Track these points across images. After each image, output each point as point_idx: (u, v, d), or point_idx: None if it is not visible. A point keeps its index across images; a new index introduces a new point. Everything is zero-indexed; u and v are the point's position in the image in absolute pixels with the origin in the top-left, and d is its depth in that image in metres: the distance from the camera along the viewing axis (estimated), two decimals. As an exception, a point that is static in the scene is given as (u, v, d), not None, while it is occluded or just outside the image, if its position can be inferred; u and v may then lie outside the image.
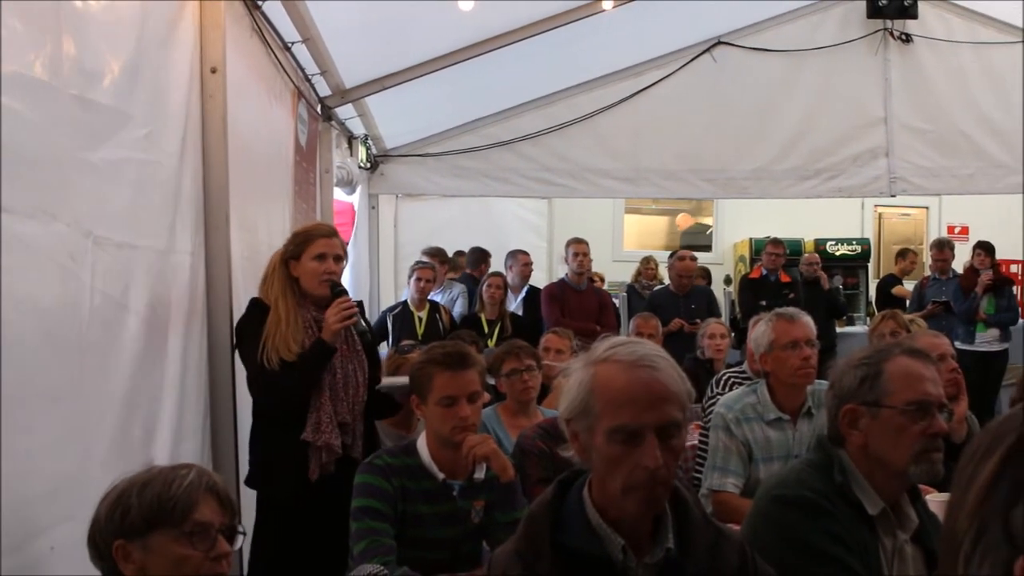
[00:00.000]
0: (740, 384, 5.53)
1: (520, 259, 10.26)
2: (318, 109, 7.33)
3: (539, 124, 9.75)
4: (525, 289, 10.07)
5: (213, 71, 4.46)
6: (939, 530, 1.71)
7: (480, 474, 3.88)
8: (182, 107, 4.19)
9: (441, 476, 3.82)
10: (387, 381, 4.82)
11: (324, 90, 7.33)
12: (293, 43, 6.04)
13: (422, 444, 3.87)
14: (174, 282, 4.05)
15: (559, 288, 9.51)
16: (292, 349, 4.33)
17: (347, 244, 5.38)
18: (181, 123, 4.16)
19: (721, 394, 5.56)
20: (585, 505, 2.24)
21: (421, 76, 7.76)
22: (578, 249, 9.51)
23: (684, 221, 16.23)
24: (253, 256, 5.14)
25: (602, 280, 12.29)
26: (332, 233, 4.65)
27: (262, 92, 5.60)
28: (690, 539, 2.27)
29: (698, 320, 9.07)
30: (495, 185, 9.99)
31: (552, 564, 2.17)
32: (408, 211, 11.94)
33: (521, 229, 12.87)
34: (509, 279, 9.97)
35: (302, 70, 6.53)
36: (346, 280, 5.34)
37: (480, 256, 11.11)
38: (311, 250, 4.48)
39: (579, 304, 9.28)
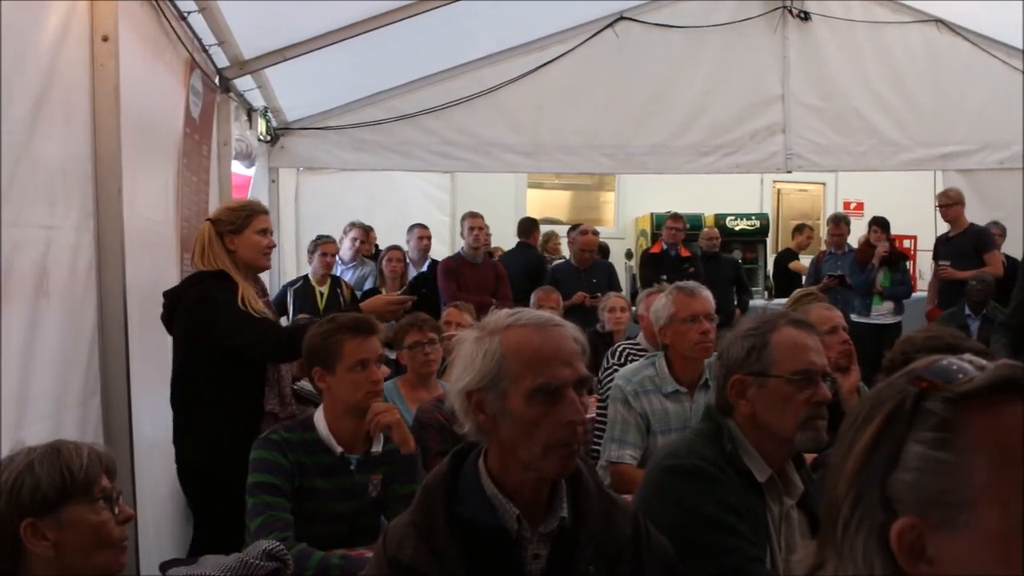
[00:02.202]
0: (636, 357, 5.59)
1: (416, 232, 10.26)
2: (216, 80, 7.19)
3: (442, 98, 9.68)
4: (427, 263, 10.06)
5: (104, 39, 4.35)
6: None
7: (378, 447, 3.88)
8: (69, 76, 4.08)
9: (339, 450, 3.81)
10: None
11: (222, 61, 7.19)
12: (189, 13, 5.92)
13: (319, 418, 3.85)
14: (57, 257, 3.94)
15: (455, 262, 9.52)
16: (260, 308, 4.63)
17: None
18: (68, 93, 4.05)
19: (619, 365, 5.62)
20: (480, 476, 2.25)
21: (322, 48, 7.63)
22: (473, 223, 9.52)
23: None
24: (146, 228, 5.09)
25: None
26: (267, 210, 5.01)
27: (153, 62, 5.47)
28: (584, 509, 2.29)
29: (599, 294, 9.15)
30: (397, 159, 9.90)
31: (447, 535, 2.17)
32: (310, 185, 11.78)
33: (424, 203, 12.84)
34: (409, 253, 9.96)
35: (199, 40, 6.40)
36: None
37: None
38: (255, 224, 4.78)
39: (475, 278, 9.30)
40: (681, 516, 2.64)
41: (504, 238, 12.48)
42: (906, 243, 13.06)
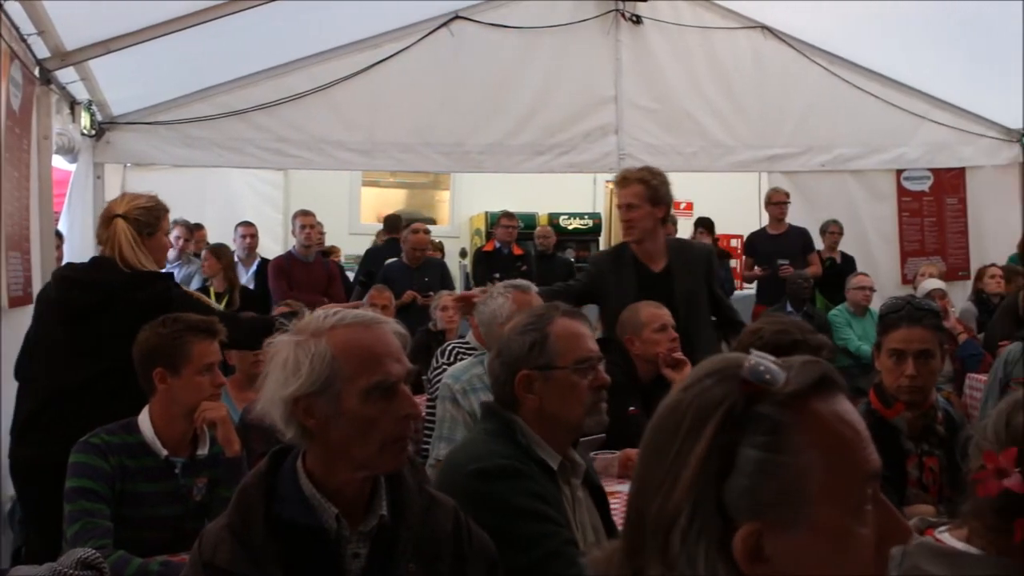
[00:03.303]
0: (466, 355, 5.60)
1: (240, 231, 10.12)
2: (36, 72, 6.93)
3: (274, 94, 9.55)
4: (257, 262, 9.91)
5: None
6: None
7: (204, 450, 3.81)
8: None
9: (164, 453, 3.73)
10: None
11: (43, 51, 6.93)
12: (6, 0, 5.69)
13: (144, 421, 3.76)
14: None
15: (286, 261, 9.42)
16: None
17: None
18: None
19: (448, 364, 5.62)
20: (299, 477, 2.23)
21: (150, 40, 7.43)
22: (305, 221, 9.44)
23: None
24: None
25: (338, 253, 12.24)
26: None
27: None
28: (404, 506, 2.30)
29: (431, 292, 9.15)
30: (229, 156, 9.72)
31: (265, 536, 2.15)
32: (138, 181, 11.33)
33: (256, 201, 12.60)
34: (236, 252, 9.81)
35: (16, 29, 6.15)
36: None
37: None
38: (164, 226, 4.73)
39: (307, 277, 9.22)
40: (498, 515, 2.65)
41: (338, 236, 12.38)
42: (733, 242, 13.40)
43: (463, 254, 13.50)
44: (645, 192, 5.46)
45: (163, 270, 4.84)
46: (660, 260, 5.57)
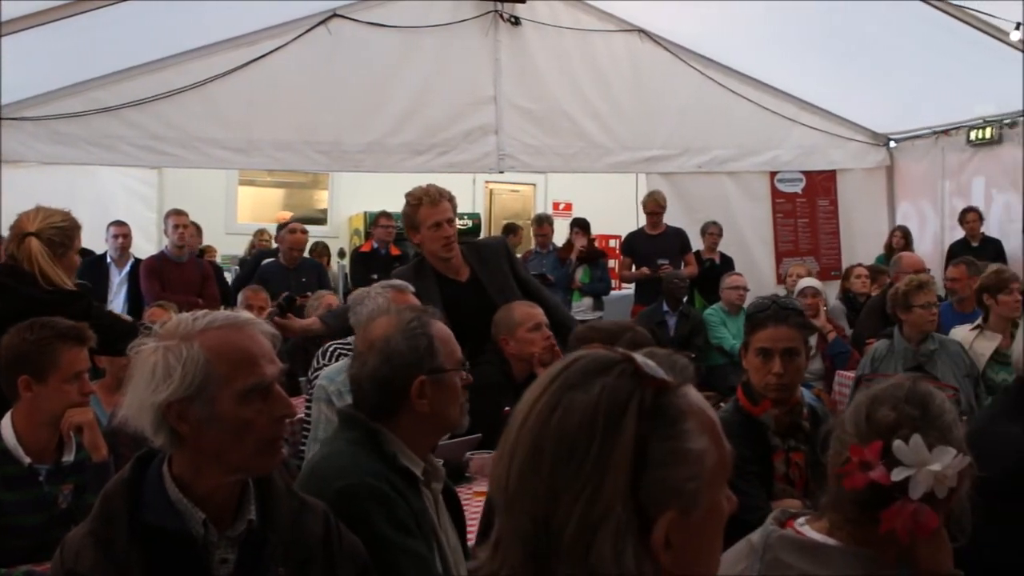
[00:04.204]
0: (347, 356, 5.55)
1: (112, 231, 9.87)
2: None
3: (148, 90, 9.37)
4: (130, 263, 9.70)
5: None
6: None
7: (69, 456, 3.72)
8: None
9: (27, 460, 3.63)
10: None
11: (-101, 40, 6.71)
12: None
13: (6, 427, 3.66)
14: None
15: (158, 261, 9.24)
16: None
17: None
18: None
19: (328, 366, 5.57)
20: (164, 481, 2.18)
21: (15, 32, 7.24)
22: (178, 221, 9.26)
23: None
24: None
25: (214, 253, 12.05)
26: None
27: None
28: (273, 511, 2.27)
29: (309, 293, 9.03)
30: (100, 153, 9.51)
31: (129, 543, 2.10)
32: (4, 179, 11.10)
33: (129, 200, 12.27)
34: (109, 253, 9.59)
35: None
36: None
37: None
38: (76, 245, 4.71)
39: (180, 277, 9.05)
40: (362, 539, 2.51)
41: (215, 236, 12.18)
42: (611, 243, 13.52)
43: (341, 254, 13.37)
44: (451, 209, 5.46)
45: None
46: (463, 270, 5.53)
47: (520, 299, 5.42)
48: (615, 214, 13.18)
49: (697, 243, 11.05)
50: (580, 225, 11.31)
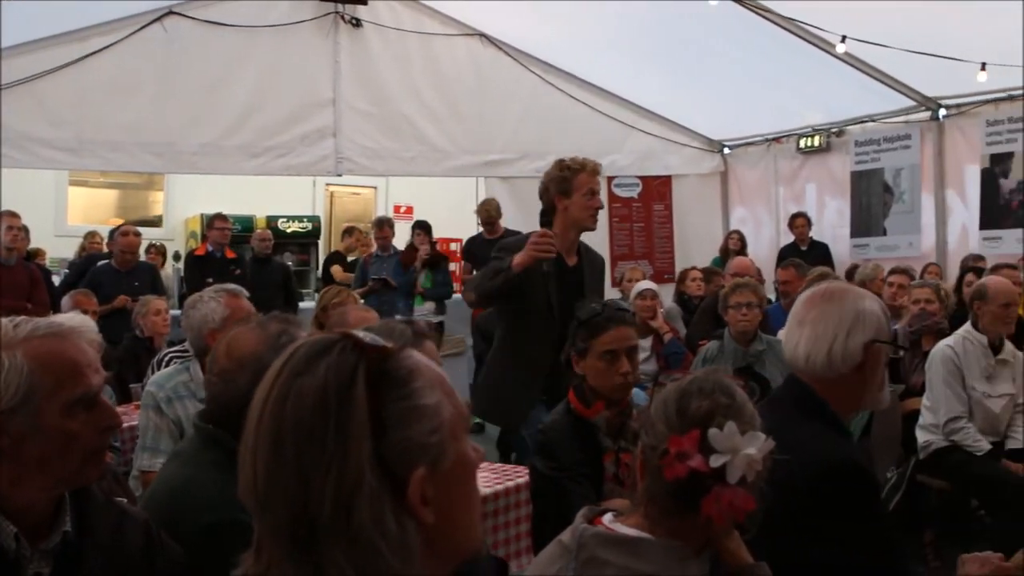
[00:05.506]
0: (180, 361, 5.44)
1: None
2: None
3: (-30, 85, 9.01)
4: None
5: None
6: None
7: None
8: None
9: None
10: None
11: None
12: None
13: None
14: None
15: (-15, 264, 8.88)
16: None
17: None
18: None
19: (161, 372, 5.45)
20: None
21: None
22: (11, 222, 8.93)
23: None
24: None
25: (44, 255, 11.68)
26: None
27: None
28: (90, 521, 2.20)
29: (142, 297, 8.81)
30: (-84, 151, 9.10)
31: (-64, 560, 2.01)
32: None
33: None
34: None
35: None
36: None
37: None
38: None
39: (9, 281, 8.69)
40: None
41: (44, 238, 11.79)
42: (452, 246, 13.54)
43: (176, 257, 13.10)
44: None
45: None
46: (573, 256, 5.31)
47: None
48: (456, 217, 13.24)
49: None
50: (423, 228, 11.30)
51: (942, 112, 10.78)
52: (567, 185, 5.12)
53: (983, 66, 8.97)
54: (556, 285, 4.99)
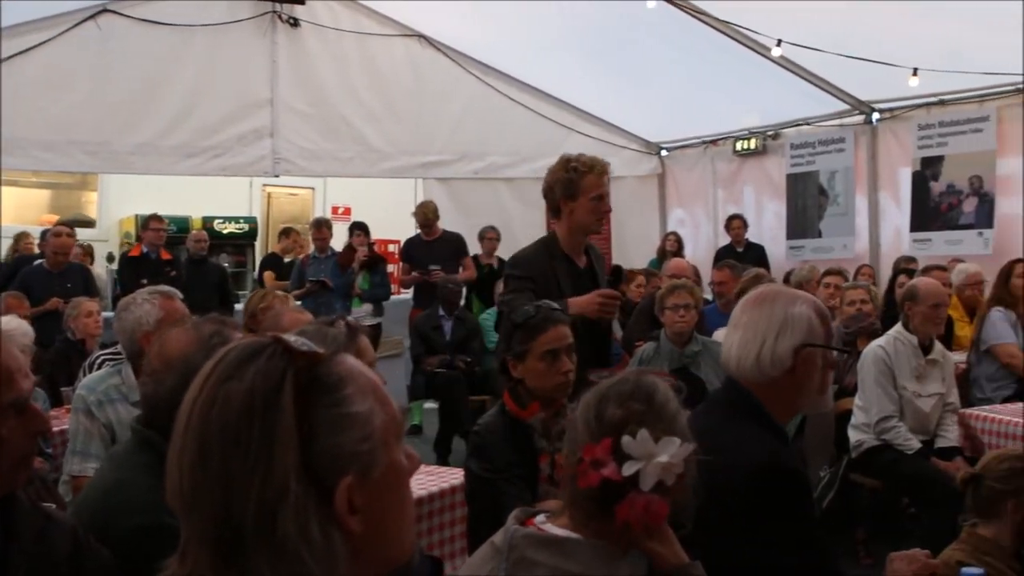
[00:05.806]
0: (112, 364, 5.37)
1: None
2: None
3: None
4: None
5: None
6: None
7: None
8: None
9: None
10: None
11: None
12: None
13: None
14: None
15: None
16: None
17: None
18: None
19: (93, 375, 5.38)
20: None
21: None
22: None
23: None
24: None
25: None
26: None
27: None
28: (16, 527, 2.17)
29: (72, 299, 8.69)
30: None
31: None
32: None
33: None
34: None
35: None
36: None
37: None
38: None
39: (-59, 283, 8.57)
40: None
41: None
42: (391, 247, 13.50)
43: (110, 258, 12.93)
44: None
45: None
46: (582, 257, 5.28)
47: None
48: (394, 218, 13.19)
49: (476, 248, 11.12)
50: (361, 228, 11.24)
51: (875, 116, 10.96)
52: (574, 188, 4.93)
53: (915, 71, 9.15)
54: (572, 289, 4.88)
